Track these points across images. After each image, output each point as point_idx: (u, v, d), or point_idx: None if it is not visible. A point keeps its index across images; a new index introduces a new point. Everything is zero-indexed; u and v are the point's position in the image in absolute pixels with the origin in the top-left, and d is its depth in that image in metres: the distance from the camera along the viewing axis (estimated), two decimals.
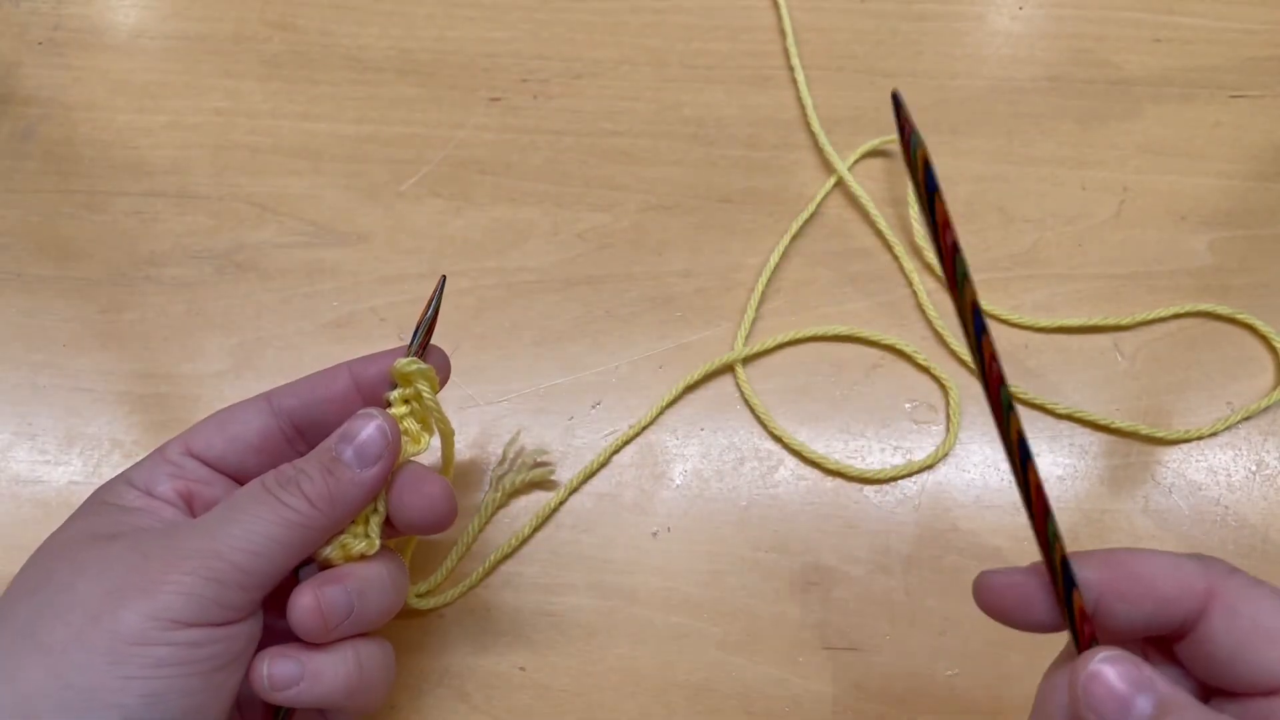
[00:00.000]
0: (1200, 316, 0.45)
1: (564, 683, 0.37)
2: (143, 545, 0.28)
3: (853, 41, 0.52)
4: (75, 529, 0.30)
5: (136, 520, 0.30)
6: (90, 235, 0.46)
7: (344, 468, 0.30)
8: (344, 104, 0.50)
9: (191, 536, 0.28)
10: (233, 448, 0.32)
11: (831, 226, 0.47)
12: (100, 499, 0.31)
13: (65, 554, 0.29)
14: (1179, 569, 0.25)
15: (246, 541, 0.28)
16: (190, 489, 0.31)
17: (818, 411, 0.43)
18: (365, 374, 0.33)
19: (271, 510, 0.28)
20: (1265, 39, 0.52)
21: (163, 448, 0.32)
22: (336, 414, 0.32)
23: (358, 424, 0.31)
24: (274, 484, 0.29)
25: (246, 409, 0.33)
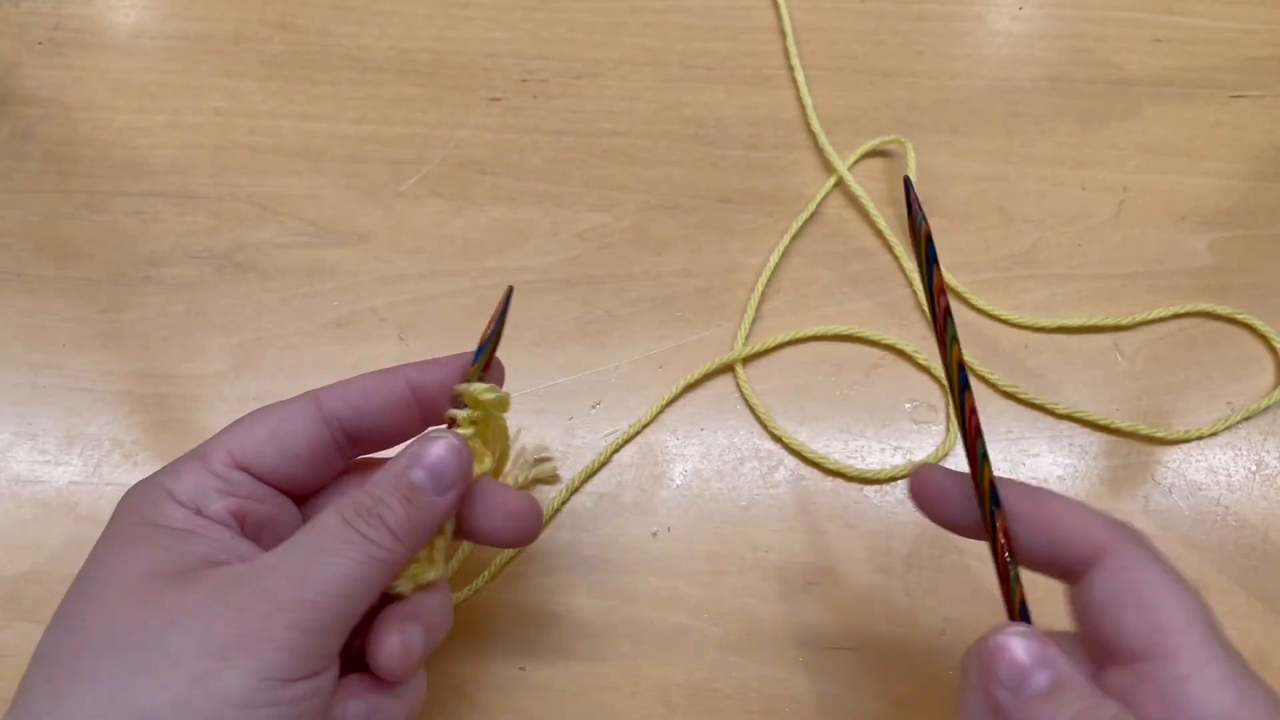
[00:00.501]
0: (1200, 316, 0.45)
1: (564, 683, 0.37)
2: (234, 594, 0.26)
3: (853, 41, 0.52)
4: (137, 563, 0.27)
5: (198, 548, 0.27)
6: (90, 235, 0.46)
7: (421, 494, 0.28)
8: (344, 104, 0.50)
9: (283, 583, 0.26)
10: (284, 460, 0.30)
11: (831, 226, 0.47)
12: (147, 519, 0.28)
13: (141, 599, 0.26)
14: (1088, 521, 0.27)
15: (339, 586, 0.26)
16: (242, 508, 0.29)
17: (818, 411, 0.43)
18: (424, 383, 0.31)
19: (358, 548, 0.26)
20: (1265, 39, 0.52)
21: (204, 455, 0.29)
22: (391, 424, 0.31)
23: (430, 447, 0.29)
24: (354, 517, 0.27)
25: (294, 416, 0.30)
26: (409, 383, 0.31)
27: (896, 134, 0.48)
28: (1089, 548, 0.26)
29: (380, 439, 0.31)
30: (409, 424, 0.31)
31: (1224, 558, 0.40)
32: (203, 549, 0.27)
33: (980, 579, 0.39)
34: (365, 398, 0.31)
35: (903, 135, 0.48)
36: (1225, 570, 0.39)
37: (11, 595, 0.39)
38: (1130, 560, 0.26)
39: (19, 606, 0.38)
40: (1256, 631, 0.38)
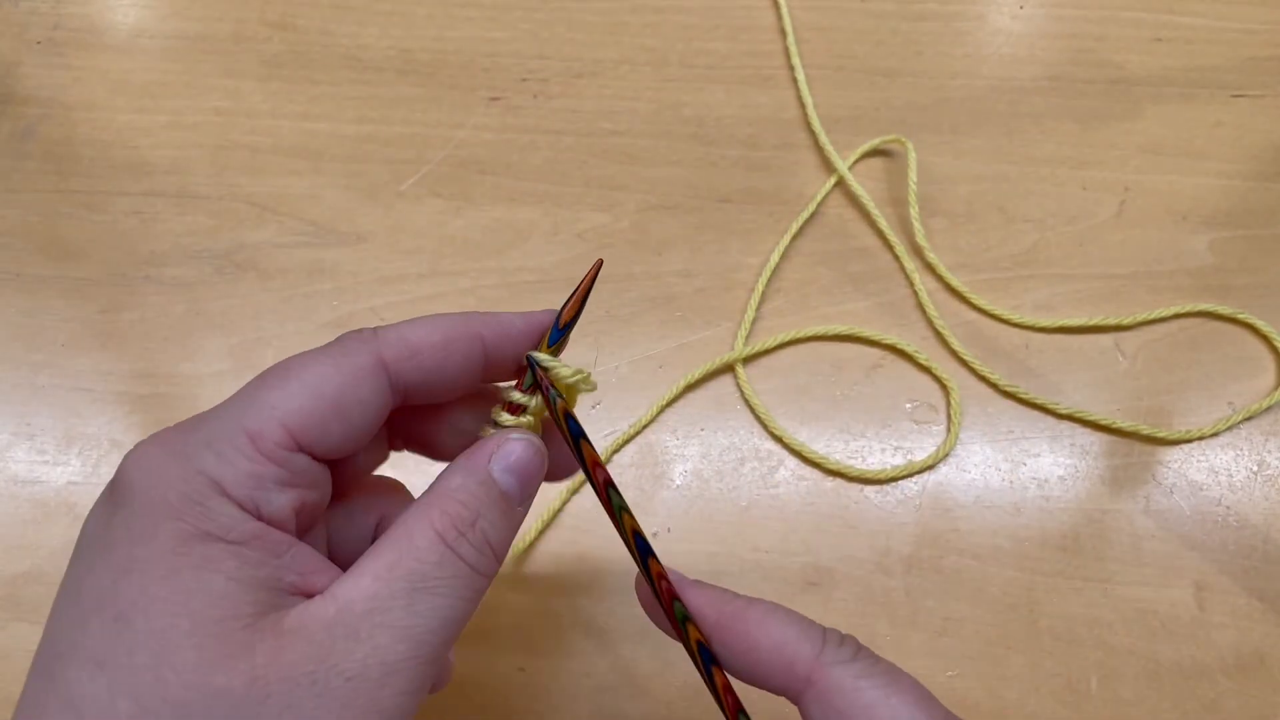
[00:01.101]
0: (1201, 316, 0.45)
1: (564, 683, 0.37)
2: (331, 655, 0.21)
3: (853, 41, 0.52)
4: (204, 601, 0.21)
5: (265, 573, 0.22)
6: (90, 235, 0.46)
7: (512, 505, 0.25)
8: (344, 104, 0.49)
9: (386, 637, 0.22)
10: (351, 437, 0.24)
11: (831, 226, 0.47)
12: (201, 529, 0.22)
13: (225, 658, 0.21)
14: (791, 645, 0.25)
15: (445, 632, 0.23)
16: (304, 501, 0.24)
17: (818, 411, 0.42)
18: (500, 348, 0.26)
19: (466, 584, 0.23)
20: (1266, 39, 0.52)
21: (255, 432, 0.23)
22: (456, 388, 0.26)
23: (517, 450, 0.25)
24: (457, 539, 0.23)
25: (361, 382, 0.24)
26: (485, 344, 0.26)
27: (897, 134, 0.48)
28: (792, 678, 0.24)
29: (435, 397, 0.26)
30: (470, 388, 0.27)
31: (1225, 558, 0.40)
32: (265, 571, 0.22)
33: (980, 579, 0.39)
34: (439, 360, 0.25)
35: (903, 135, 0.48)
36: (1226, 570, 0.39)
37: (10, 596, 0.38)
38: (836, 687, 0.24)
39: (18, 607, 0.38)
40: (1256, 632, 0.38)
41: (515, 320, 0.27)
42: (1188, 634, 0.38)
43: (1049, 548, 0.40)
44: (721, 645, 0.26)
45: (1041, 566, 0.39)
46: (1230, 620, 0.38)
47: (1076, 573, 0.39)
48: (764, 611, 0.25)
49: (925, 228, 0.46)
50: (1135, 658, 0.38)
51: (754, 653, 0.25)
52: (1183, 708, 0.37)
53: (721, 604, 0.26)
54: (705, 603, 0.26)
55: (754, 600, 0.26)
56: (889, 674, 0.24)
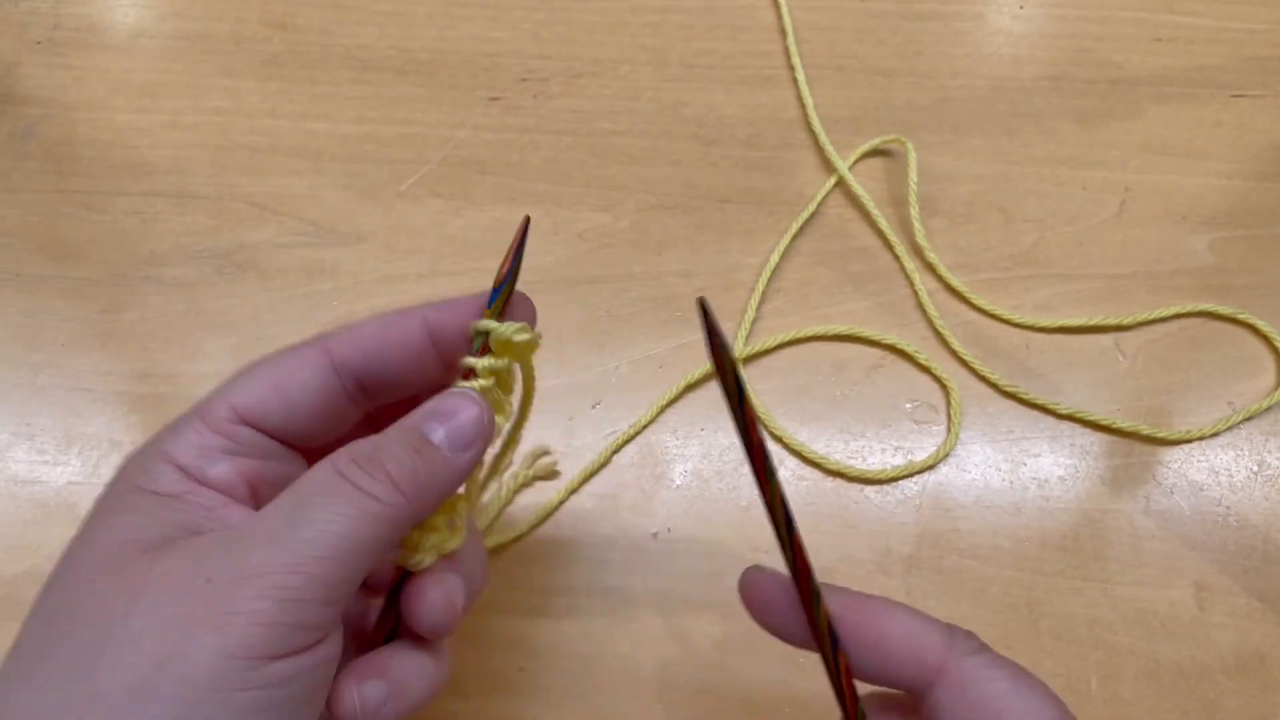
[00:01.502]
0: (1201, 316, 0.45)
1: (564, 683, 0.37)
2: (202, 561, 0.23)
3: (853, 41, 0.52)
4: (114, 533, 0.24)
5: (183, 516, 0.24)
6: (90, 235, 0.46)
7: (434, 450, 0.25)
8: (344, 104, 0.49)
9: (257, 546, 0.23)
10: (293, 413, 0.27)
11: (832, 226, 0.47)
12: (135, 484, 0.25)
13: (110, 572, 0.23)
14: (920, 637, 0.25)
15: (324, 547, 0.23)
16: (253, 470, 0.26)
17: (818, 411, 0.42)
18: (442, 324, 0.28)
19: (350, 502, 0.23)
20: (1266, 39, 0.52)
21: (204, 411, 0.26)
22: (407, 370, 0.28)
23: (450, 403, 0.26)
24: (349, 466, 0.24)
25: (302, 365, 0.27)
26: (426, 324, 0.28)
27: (897, 134, 0.48)
28: (923, 669, 0.25)
29: (396, 387, 0.28)
30: (427, 370, 0.28)
31: (1225, 558, 0.40)
32: (189, 516, 0.24)
33: (980, 579, 0.39)
34: (378, 342, 0.27)
35: (903, 135, 0.48)
36: (1226, 570, 0.39)
37: (10, 596, 0.38)
38: (969, 678, 0.24)
39: (18, 607, 0.38)
40: (1256, 632, 0.38)
41: (457, 300, 0.28)
42: (1188, 634, 0.38)
43: (1049, 548, 0.40)
44: (849, 636, 0.26)
45: (1041, 566, 0.39)
46: (1230, 620, 0.38)
47: (1076, 573, 0.39)
48: (887, 604, 0.26)
49: (925, 228, 0.46)
50: (1135, 658, 0.38)
51: (885, 642, 0.25)
52: (1183, 708, 0.37)
53: (843, 596, 0.26)
54: (829, 596, 0.26)
55: (871, 595, 0.26)
56: (1014, 666, 0.25)
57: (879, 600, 0.26)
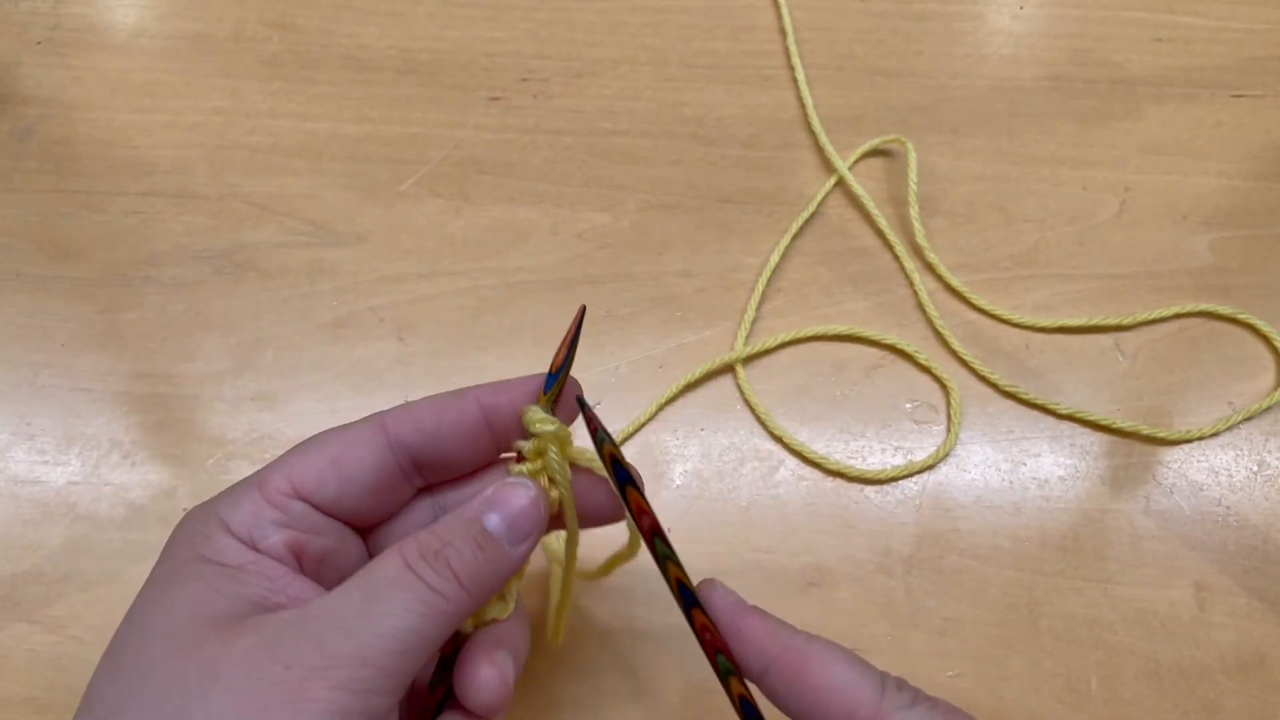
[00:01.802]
0: (1201, 316, 0.45)
1: (563, 683, 0.37)
2: (280, 647, 0.24)
3: (853, 41, 0.52)
4: (185, 606, 0.25)
5: (249, 589, 0.25)
6: (90, 235, 0.46)
7: (495, 544, 0.26)
8: (344, 104, 0.49)
9: (331, 636, 0.24)
10: (348, 490, 0.28)
11: (832, 226, 0.47)
12: (198, 552, 0.26)
13: (187, 649, 0.24)
14: (853, 689, 0.25)
15: (394, 640, 0.24)
16: (300, 541, 0.27)
17: (818, 411, 0.42)
18: (497, 406, 0.29)
19: (419, 598, 0.24)
20: (1266, 39, 0.52)
21: (262, 481, 0.27)
22: (461, 450, 0.29)
23: (509, 494, 0.27)
24: (419, 562, 0.25)
25: (359, 442, 0.28)
26: (480, 405, 0.29)
27: (897, 134, 0.48)
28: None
29: (450, 466, 0.29)
30: (481, 450, 0.29)
31: (1225, 558, 0.40)
32: (254, 589, 0.26)
33: (980, 579, 0.39)
34: (435, 422, 0.28)
35: (903, 135, 0.48)
36: (1226, 570, 0.39)
37: (10, 595, 0.38)
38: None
39: (18, 607, 0.38)
40: (1257, 632, 0.38)
41: (512, 382, 0.29)
42: (1188, 634, 0.38)
43: (1049, 548, 0.40)
44: (779, 682, 0.26)
45: (1041, 566, 0.39)
46: (1230, 620, 0.38)
47: (1076, 573, 0.39)
48: (824, 650, 0.26)
49: (925, 228, 0.46)
50: (1135, 658, 0.38)
51: (817, 693, 0.25)
52: (1183, 708, 0.37)
53: (783, 638, 0.27)
54: (766, 636, 0.27)
55: (813, 637, 0.27)
56: (948, 717, 0.25)
57: (817, 644, 0.26)
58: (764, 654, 0.26)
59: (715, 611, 0.27)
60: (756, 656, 0.26)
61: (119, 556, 0.39)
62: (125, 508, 0.40)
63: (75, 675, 0.37)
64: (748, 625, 0.27)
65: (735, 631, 0.27)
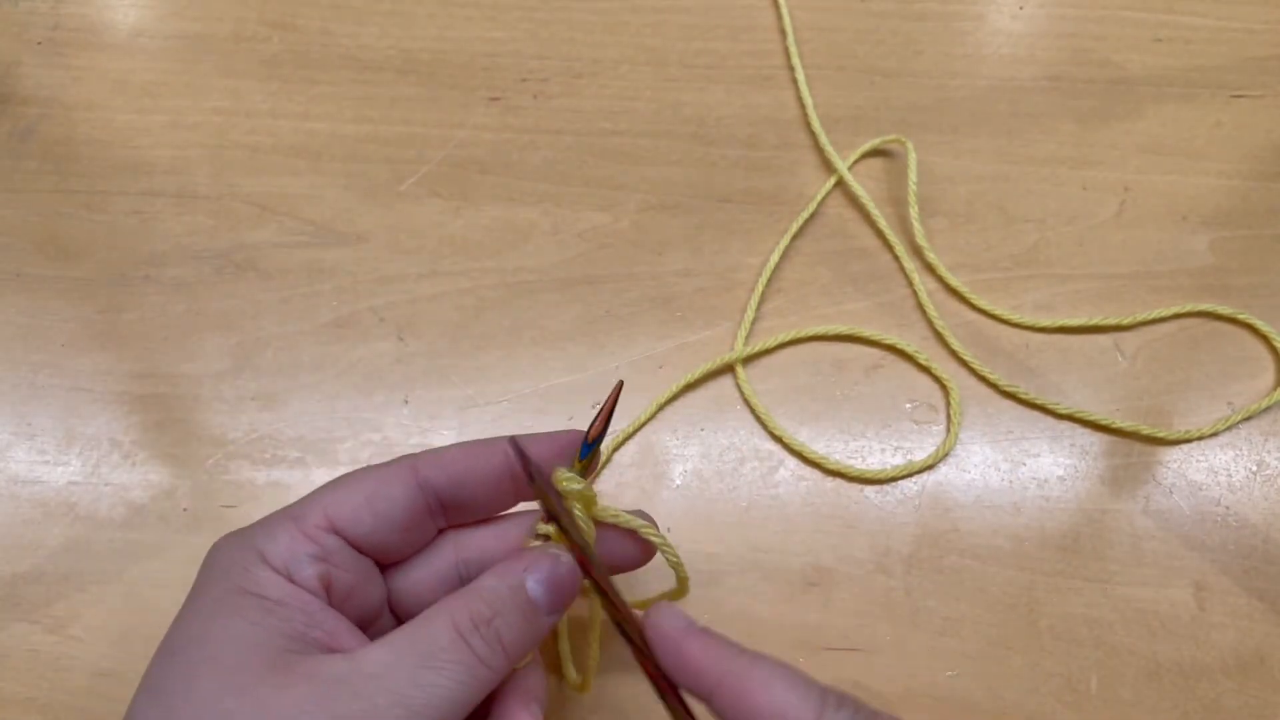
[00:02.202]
0: (1201, 316, 0.45)
1: (562, 682, 0.37)
2: (332, 701, 0.24)
3: (853, 41, 0.52)
4: (230, 643, 0.25)
5: (290, 624, 0.26)
6: (90, 235, 0.46)
7: (539, 613, 0.28)
8: (344, 104, 0.49)
9: (385, 699, 0.24)
10: (379, 526, 0.29)
11: (831, 226, 0.47)
12: (238, 584, 0.27)
13: (237, 691, 0.24)
14: (790, 710, 0.25)
15: (442, 708, 0.25)
16: (331, 575, 0.28)
17: (818, 411, 0.43)
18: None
19: (468, 670, 0.26)
20: (1266, 39, 0.52)
21: (298, 515, 0.28)
22: (487, 496, 0.30)
23: (549, 563, 0.28)
24: (470, 630, 0.26)
25: (392, 482, 0.29)
26: (508, 456, 0.30)
27: (897, 134, 0.48)
28: None
29: (474, 509, 0.31)
30: (505, 498, 0.31)
31: (1225, 558, 0.40)
32: (293, 624, 0.26)
33: (980, 579, 0.39)
34: (465, 468, 0.30)
35: (903, 135, 0.48)
36: (1226, 570, 0.39)
37: (10, 596, 0.38)
38: None
39: (18, 607, 0.38)
40: (1257, 633, 0.38)
41: (540, 436, 0.30)
42: (1187, 634, 0.38)
43: (1049, 548, 0.40)
44: (723, 704, 0.26)
45: (1041, 566, 0.39)
46: (1230, 620, 0.39)
47: (1076, 572, 0.39)
48: (766, 672, 0.26)
49: (925, 228, 0.46)
50: (1135, 657, 0.38)
51: (752, 715, 0.26)
52: (1183, 708, 0.37)
53: (725, 661, 0.27)
54: (708, 658, 0.27)
55: (758, 658, 0.27)
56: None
57: (761, 666, 0.26)
58: (705, 678, 0.27)
59: (659, 638, 0.28)
60: (699, 679, 0.27)
61: (119, 556, 0.39)
62: (125, 508, 0.40)
63: (75, 675, 0.37)
64: (690, 649, 0.27)
65: (678, 657, 0.27)
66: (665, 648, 0.28)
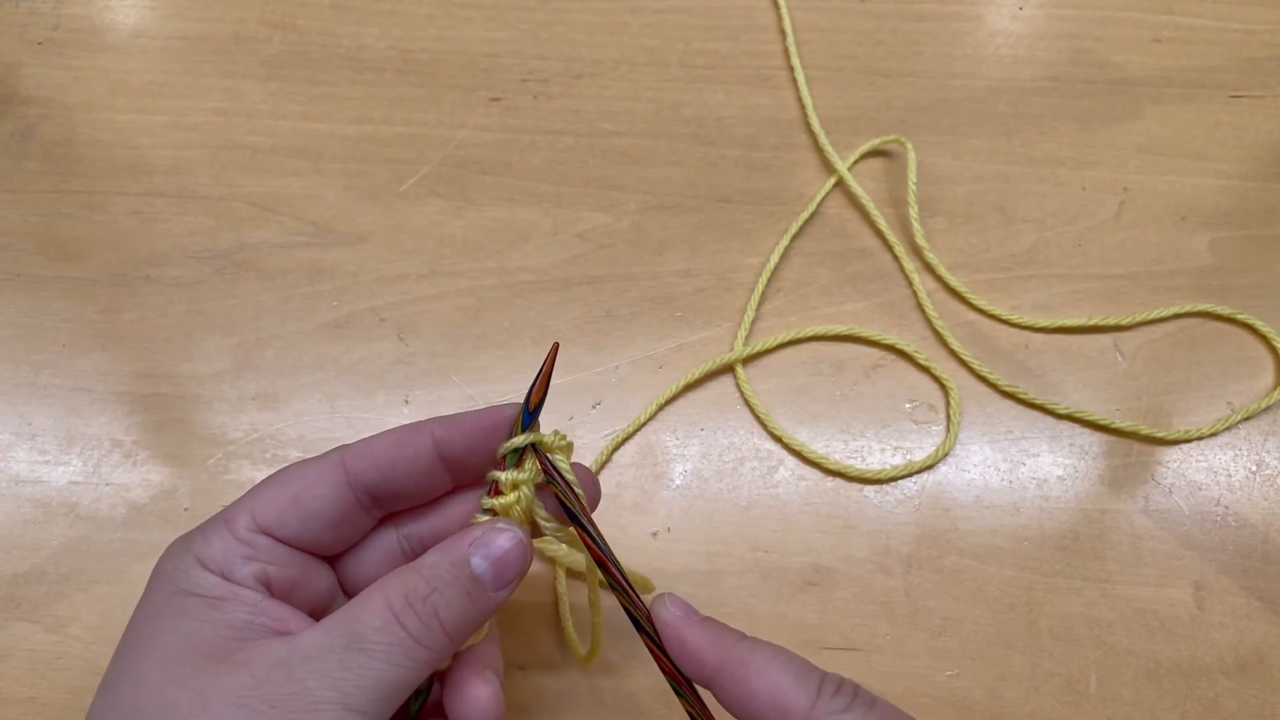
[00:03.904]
0: (1200, 316, 0.45)
1: (564, 683, 0.37)
2: (268, 685, 0.25)
3: (853, 41, 0.52)
4: (174, 638, 0.26)
5: (231, 615, 0.27)
6: (90, 235, 0.46)
7: (482, 590, 0.27)
8: (344, 104, 0.50)
9: (316, 680, 0.25)
10: (308, 525, 0.29)
11: (831, 226, 0.47)
12: (179, 586, 0.27)
13: (179, 681, 0.25)
14: (786, 695, 0.26)
15: (376, 689, 0.25)
16: (267, 572, 0.28)
17: (818, 411, 0.43)
18: (449, 440, 0.30)
19: (403, 651, 0.25)
20: (1265, 39, 0.52)
21: (228, 518, 0.29)
22: (417, 484, 0.30)
23: (495, 537, 0.28)
24: (404, 609, 0.26)
25: (320, 480, 0.29)
26: (434, 440, 0.29)
27: (896, 134, 0.48)
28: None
29: (407, 497, 0.30)
30: (436, 482, 0.30)
31: (1224, 558, 0.40)
32: (236, 616, 0.27)
33: (980, 579, 0.39)
34: (390, 458, 0.29)
35: (903, 135, 0.48)
36: (1225, 570, 0.39)
37: (10, 596, 0.39)
38: None
39: (19, 607, 0.38)
40: (1256, 632, 0.38)
41: (464, 417, 0.30)
42: (1187, 634, 0.38)
43: (1048, 548, 0.40)
44: (721, 690, 0.27)
45: (1041, 566, 0.39)
46: (1229, 620, 0.39)
47: (1076, 572, 0.39)
48: (765, 658, 0.27)
49: (925, 228, 0.46)
50: (1134, 657, 0.38)
51: (751, 700, 0.26)
52: (1182, 707, 0.37)
53: (725, 648, 0.27)
54: (708, 645, 0.27)
55: (758, 644, 0.27)
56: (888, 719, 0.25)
57: (760, 651, 0.27)
58: (706, 665, 0.27)
59: (661, 627, 0.28)
60: (699, 667, 0.27)
61: (120, 556, 0.39)
62: (126, 507, 0.40)
63: (75, 675, 0.37)
64: (691, 637, 0.28)
65: (680, 644, 0.28)
66: (666, 635, 0.28)
